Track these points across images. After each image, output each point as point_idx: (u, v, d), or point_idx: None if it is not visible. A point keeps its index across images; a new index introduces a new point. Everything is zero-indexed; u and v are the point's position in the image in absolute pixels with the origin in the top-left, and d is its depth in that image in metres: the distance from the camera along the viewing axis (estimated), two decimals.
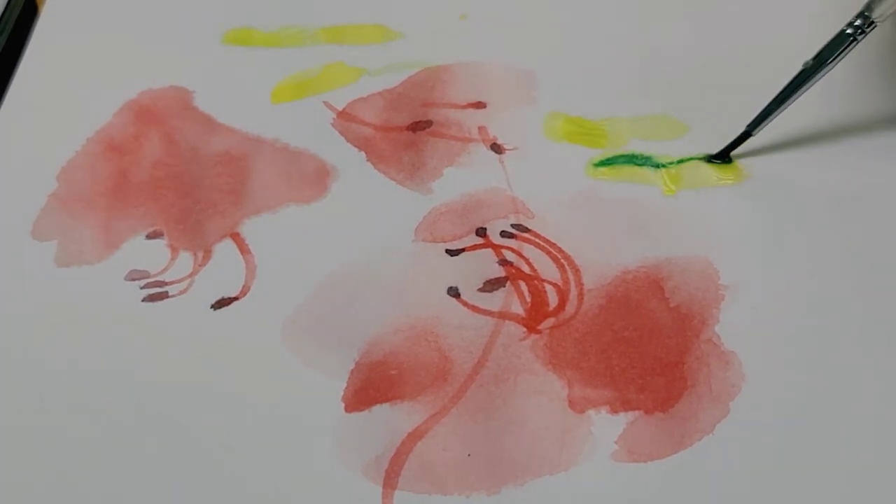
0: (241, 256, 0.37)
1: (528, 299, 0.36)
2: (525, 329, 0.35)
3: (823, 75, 0.38)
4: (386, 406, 0.33)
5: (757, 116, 0.39)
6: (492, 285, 0.36)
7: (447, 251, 0.37)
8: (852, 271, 0.36)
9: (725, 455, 0.32)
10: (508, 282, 0.36)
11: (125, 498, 0.31)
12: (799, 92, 0.38)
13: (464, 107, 0.42)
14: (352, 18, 0.46)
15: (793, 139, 0.40)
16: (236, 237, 0.38)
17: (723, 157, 0.40)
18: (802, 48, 0.39)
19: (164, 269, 0.37)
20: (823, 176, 0.39)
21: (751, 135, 0.39)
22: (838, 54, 0.38)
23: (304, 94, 0.43)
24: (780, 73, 0.39)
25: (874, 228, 0.37)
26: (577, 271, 0.36)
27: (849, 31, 0.38)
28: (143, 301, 0.36)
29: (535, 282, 0.36)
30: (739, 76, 0.42)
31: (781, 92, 0.38)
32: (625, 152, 0.40)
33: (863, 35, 0.38)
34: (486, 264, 0.37)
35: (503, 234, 0.37)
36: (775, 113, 0.39)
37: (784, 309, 0.35)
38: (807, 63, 0.38)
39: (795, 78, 0.38)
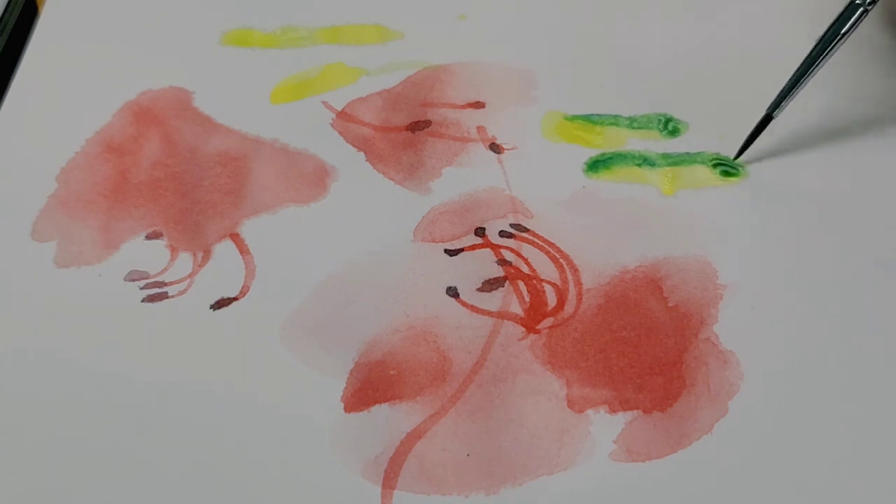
0: (240, 257, 0.37)
1: (527, 299, 0.36)
2: (524, 329, 0.35)
3: (837, 49, 0.38)
4: (385, 406, 0.33)
5: (776, 98, 0.38)
6: (491, 285, 0.36)
7: (446, 251, 0.37)
8: (851, 271, 0.36)
9: (724, 454, 0.32)
10: (507, 282, 0.36)
11: (124, 497, 0.31)
12: (816, 67, 0.38)
13: (463, 107, 0.42)
14: (351, 19, 0.46)
15: (792, 139, 0.40)
16: (236, 238, 0.38)
17: (745, 148, 0.39)
18: (802, 46, 0.39)
19: (164, 270, 0.37)
20: (822, 176, 0.39)
21: (772, 118, 0.39)
22: (851, 26, 0.37)
23: (303, 95, 0.43)
24: (780, 71, 0.39)
25: (872, 228, 0.37)
26: (575, 271, 0.36)
27: (858, 1, 0.37)
28: (142, 302, 0.36)
29: (534, 281, 0.36)
30: (738, 75, 0.42)
31: (798, 70, 0.38)
32: (623, 152, 0.40)
33: (872, 4, 0.37)
34: (484, 264, 0.37)
35: (502, 233, 0.38)
36: (793, 93, 0.38)
37: (782, 308, 0.35)
38: (819, 38, 0.38)
39: (811, 52, 0.38)
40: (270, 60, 0.44)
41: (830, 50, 0.38)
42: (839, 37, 0.38)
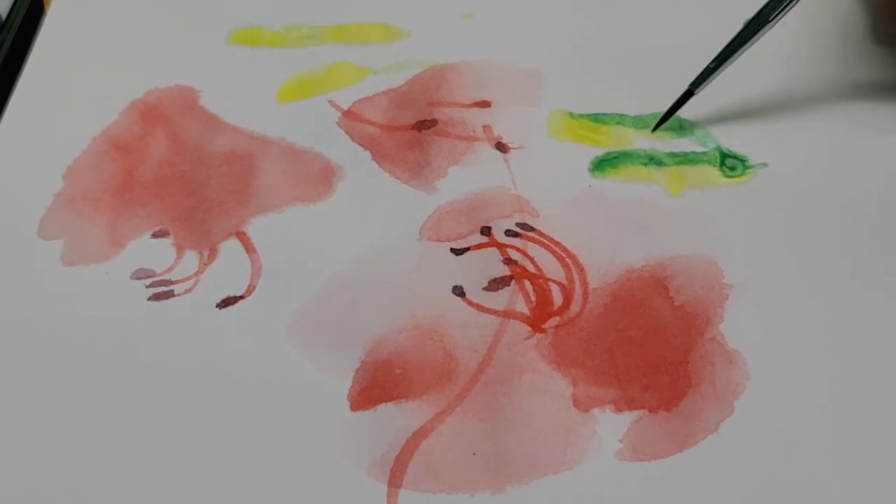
0: (246, 255, 0.37)
1: (533, 298, 0.36)
2: (530, 328, 0.35)
3: (764, 33, 0.39)
4: (391, 405, 0.33)
5: (700, 75, 0.39)
6: (497, 284, 0.36)
7: (452, 250, 0.37)
8: (857, 270, 0.36)
9: (730, 454, 0.32)
10: (513, 281, 0.36)
11: (128, 496, 0.32)
12: (742, 49, 0.39)
13: (469, 106, 0.42)
14: (357, 18, 0.46)
15: (796, 139, 0.40)
16: (242, 236, 0.38)
17: (663, 121, 0.40)
18: (805, 46, 0.39)
19: (170, 268, 0.37)
20: (827, 175, 0.39)
21: (693, 94, 0.40)
22: (780, 12, 0.38)
23: (309, 94, 0.43)
24: (784, 71, 0.39)
25: (879, 228, 0.37)
26: (581, 270, 0.36)
27: None
28: (148, 300, 0.36)
29: (540, 281, 0.36)
30: (745, 74, 0.42)
31: (724, 50, 0.39)
32: (630, 151, 0.40)
33: None
34: (490, 263, 0.37)
35: (508, 233, 0.38)
36: (717, 72, 0.39)
37: (788, 307, 0.35)
38: (746, 21, 0.39)
39: (739, 34, 0.39)
40: (277, 59, 0.44)
41: (758, 33, 0.38)
42: (768, 22, 0.38)
